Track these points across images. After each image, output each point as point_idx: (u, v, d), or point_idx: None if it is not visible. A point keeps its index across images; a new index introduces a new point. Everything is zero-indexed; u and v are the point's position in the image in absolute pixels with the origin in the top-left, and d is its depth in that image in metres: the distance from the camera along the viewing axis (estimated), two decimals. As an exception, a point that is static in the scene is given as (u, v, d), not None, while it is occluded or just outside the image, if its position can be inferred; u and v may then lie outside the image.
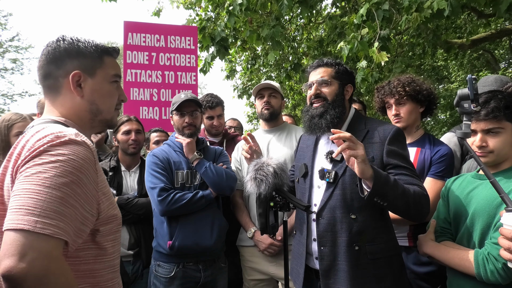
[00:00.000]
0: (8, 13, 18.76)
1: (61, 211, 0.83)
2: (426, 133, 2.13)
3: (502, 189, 1.18)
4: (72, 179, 0.87)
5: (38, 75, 1.10)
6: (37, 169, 0.84)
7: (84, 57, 1.08)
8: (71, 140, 0.91)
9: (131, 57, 3.45)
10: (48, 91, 1.09)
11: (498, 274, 1.26)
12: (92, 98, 1.09)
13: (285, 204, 1.59)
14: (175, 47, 3.57)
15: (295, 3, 4.26)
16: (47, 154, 0.87)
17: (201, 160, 2.17)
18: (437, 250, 1.50)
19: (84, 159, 0.91)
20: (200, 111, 2.29)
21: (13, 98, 18.73)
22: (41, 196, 0.81)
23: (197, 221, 2.10)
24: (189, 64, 3.60)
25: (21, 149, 0.92)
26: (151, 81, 3.49)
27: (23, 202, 0.81)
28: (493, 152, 1.43)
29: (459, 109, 1.34)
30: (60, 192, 0.84)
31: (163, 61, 3.52)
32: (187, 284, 2.08)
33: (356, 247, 1.53)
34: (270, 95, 2.42)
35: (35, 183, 0.83)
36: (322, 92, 1.70)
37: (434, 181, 1.93)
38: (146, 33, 3.49)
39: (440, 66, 11.70)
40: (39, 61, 1.10)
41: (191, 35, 3.63)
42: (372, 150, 1.59)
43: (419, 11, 3.19)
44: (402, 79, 2.10)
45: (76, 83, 1.07)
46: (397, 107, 2.08)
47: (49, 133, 0.92)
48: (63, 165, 0.86)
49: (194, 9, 6.09)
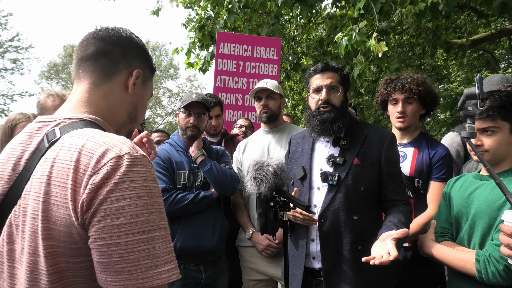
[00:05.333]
0: (8, 13, 18.73)
1: (171, 248, 0.77)
2: (422, 133, 2.11)
3: (508, 190, 1.17)
4: (160, 208, 0.78)
5: (92, 49, 0.93)
6: (126, 212, 0.72)
7: (146, 64, 1.03)
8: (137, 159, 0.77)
9: (221, 64, 3.80)
10: (97, 69, 0.93)
11: (499, 276, 1.26)
12: (137, 104, 1.01)
13: (285, 204, 1.59)
14: (261, 57, 3.89)
15: (295, 2, 4.26)
16: (124, 186, 0.73)
17: (205, 158, 2.16)
18: (437, 250, 1.50)
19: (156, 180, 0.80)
20: (208, 114, 2.26)
21: (13, 98, 18.70)
22: (149, 245, 0.73)
23: (199, 222, 2.09)
24: (272, 73, 3.91)
25: (74, 172, 0.74)
26: (238, 87, 3.84)
27: (134, 258, 0.71)
28: (488, 151, 1.43)
29: (462, 112, 1.31)
30: (162, 230, 0.76)
31: (249, 69, 3.86)
32: (188, 285, 2.07)
33: (359, 246, 1.58)
34: (267, 97, 2.38)
35: (136, 231, 0.72)
36: (331, 99, 1.71)
37: (439, 184, 1.92)
38: (236, 43, 3.83)
39: (440, 66, 11.70)
40: (95, 34, 0.95)
41: (275, 47, 3.95)
42: (371, 155, 1.65)
43: (414, 4, 3.18)
44: (415, 77, 2.02)
45: (134, 81, 0.97)
46: (404, 104, 2.01)
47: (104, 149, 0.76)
48: (148, 199, 0.75)
49: (193, 8, 6.08)
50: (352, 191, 1.62)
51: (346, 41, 3.47)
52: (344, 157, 1.66)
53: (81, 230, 0.73)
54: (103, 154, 0.75)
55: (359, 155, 1.65)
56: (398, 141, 2.11)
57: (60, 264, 0.76)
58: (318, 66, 1.77)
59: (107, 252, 0.71)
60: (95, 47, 0.94)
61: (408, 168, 1.99)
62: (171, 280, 0.74)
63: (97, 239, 0.72)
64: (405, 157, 2.03)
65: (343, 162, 1.64)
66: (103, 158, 0.74)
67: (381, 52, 3.15)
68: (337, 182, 1.63)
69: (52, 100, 2.24)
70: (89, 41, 0.95)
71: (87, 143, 0.77)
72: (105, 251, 0.71)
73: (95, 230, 0.72)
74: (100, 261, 0.72)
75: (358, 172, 1.63)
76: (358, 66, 3.82)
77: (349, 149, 1.68)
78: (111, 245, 0.71)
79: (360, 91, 7.82)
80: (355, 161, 1.64)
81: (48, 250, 0.75)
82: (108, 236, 0.71)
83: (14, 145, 0.89)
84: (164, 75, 27.55)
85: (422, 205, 1.95)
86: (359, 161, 1.64)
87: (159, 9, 5.78)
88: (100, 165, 0.73)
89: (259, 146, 2.41)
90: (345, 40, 3.48)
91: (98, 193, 0.72)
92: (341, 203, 1.62)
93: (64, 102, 2.46)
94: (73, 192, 0.73)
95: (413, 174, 1.98)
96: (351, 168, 1.63)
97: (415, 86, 1.98)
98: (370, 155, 1.64)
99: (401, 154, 2.05)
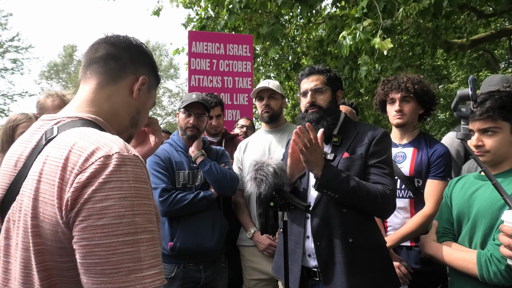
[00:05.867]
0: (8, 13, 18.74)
1: (157, 252, 0.74)
2: (421, 132, 2.12)
3: (504, 191, 1.18)
4: (147, 210, 0.75)
5: (102, 52, 0.95)
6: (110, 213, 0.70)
7: (152, 73, 1.05)
8: (127, 159, 0.75)
9: (195, 64, 3.79)
10: (105, 72, 0.94)
11: (501, 276, 1.26)
12: (140, 109, 1.02)
13: (285, 204, 1.59)
14: (233, 54, 3.90)
15: (295, 2, 4.27)
16: (109, 186, 0.71)
17: (205, 158, 2.16)
18: (439, 251, 1.50)
19: (146, 181, 0.78)
20: (208, 115, 2.27)
21: (13, 98, 18.71)
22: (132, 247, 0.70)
23: (198, 222, 2.09)
24: (245, 70, 3.93)
25: (62, 170, 0.73)
26: (212, 86, 3.84)
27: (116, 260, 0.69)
28: (489, 152, 1.43)
29: (456, 113, 1.33)
30: (148, 233, 0.73)
31: (222, 67, 3.87)
32: (188, 284, 2.07)
33: (350, 239, 1.60)
34: (269, 97, 2.40)
35: (120, 233, 0.70)
36: (317, 101, 1.76)
37: (436, 182, 1.92)
38: (208, 42, 3.82)
39: (440, 66, 11.70)
40: (107, 39, 0.97)
41: (247, 43, 3.95)
42: (361, 149, 1.68)
43: (418, 2, 3.18)
44: (411, 77, 2.06)
45: (139, 86, 0.99)
46: (401, 103, 2.04)
47: (94, 148, 0.74)
48: (135, 200, 0.73)
49: (193, 8, 6.09)
50: None
51: (350, 40, 3.44)
52: (335, 153, 1.70)
53: (66, 229, 0.72)
54: (92, 153, 0.73)
55: (349, 149, 1.69)
56: (398, 141, 2.11)
57: (47, 262, 0.76)
58: (305, 70, 1.84)
59: (88, 253, 0.69)
60: (105, 50, 0.95)
61: (408, 168, 2.00)
62: (154, 285, 0.71)
63: (79, 239, 0.70)
64: (405, 158, 2.04)
65: (334, 157, 1.68)
66: (92, 157, 0.73)
67: (386, 49, 3.14)
68: None
69: (51, 100, 2.25)
70: (100, 45, 0.97)
71: (78, 142, 0.76)
72: (87, 252, 0.70)
73: (78, 229, 0.70)
74: (82, 262, 0.70)
75: (347, 165, 1.65)
76: (364, 66, 3.79)
77: (341, 145, 1.72)
78: (93, 246, 0.69)
79: (360, 91, 7.81)
80: (345, 155, 1.68)
81: (37, 247, 0.75)
82: (91, 237, 0.69)
83: (19, 143, 0.91)
84: (164, 75, 27.57)
85: (422, 205, 1.95)
86: (348, 154, 1.68)
87: (160, 9, 5.79)
88: (87, 164, 0.72)
89: (260, 146, 2.42)
90: (349, 39, 3.45)
91: (82, 192, 0.70)
92: None
93: (63, 102, 2.44)
94: (59, 190, 0.72)
95: (413, 174, 1.98)
96: (340, 161, 1.67)
97: (411, 85, 2.01)
98: (359, 149, 1.68)
99: (400, 154, 2.06)
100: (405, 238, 1.93)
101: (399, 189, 2.01)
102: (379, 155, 1.67)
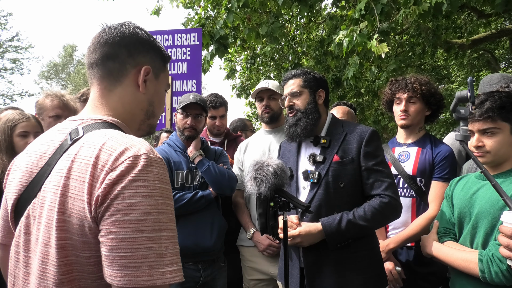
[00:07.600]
0: (8, 13, 18.78)
1: (177, 250, 0.78)
2: (427, 133, 2.11)
3: (504, 192, 1.17)
4: (170, 210, 0.79)
5: (98, 54, 0.95)
6: (138, 209, 0.74)
7: (156, 56, 1.01)
8: (153, 161, 0.79)
9: None
10: (106, 74, 0.95)
11: (502, 276, 1.25)
12: (152, 99, 1.01)
13: (285, 204, 1.59)
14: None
15: (295, 2, 4.26)
16: (137, 184, 0.75)
17: (203, 158, 2.17)
18: (440, 251, 1.49)
19: (168, 182, 0.82)
20: (205, 115, 2.29)
21: (13, 98, 18.73)
22: (156, 244, 0.74)
23: (197, 221, 2.09)
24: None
25: (93, 168, 0.77)
26: None
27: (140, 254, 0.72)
28: (490, 153, 1.43)
29: (455, 115, 1.33)
30: (170, 231, 0.77)
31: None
32: (187, 284, 2.06)
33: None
34: (269, 97, 2.40)
35: (145, 229, 0.73)
36: (294, 104, 1.80)
37: (441, 184, 1.91)
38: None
39: (440, 66, 11.69)
40: (100, 37, 0.96)
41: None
42: (351, 152, 1.69)
43: (418, 5, 3.18)
44: (419, 78, 2.07)
45: (144, 78, 0.98)
46: (407, 103, 2.04)
47: (123, 148, 0.78)
48: (160, 199, 0.77)
49: (193, 8, 6.08)
50: (333, 188, 1.66)
51: (347, 42, 3.45)
52: (324, 155, 1.70)
53: (92, 224, 0.76)
54: (121, 153, 0.78)
55: (339, 152, 1.69)
56: (402, 141, 2.11)
57: (70, 256, 0.79)
58: (284, 77, 1.90)
59: (115, 246, 0.73)
60: (100, 52, 0.95)
61: (411, 167, 1.99)
62: (174, 281, 0.74)
63: (107, 233, 0.74)
64: (409, 157, 2.03)
65: (323, 160, 1.69)
66: (121, 156, 0.77)
67: (383, 53, 3.15)
68: (318, 180, 1.68)
69: (50, 100, 2.24)
70: (95, 46, 0.96)
71: (107, 142, 0.80)
72: (114, 245, 0.73)
73: (106, 223, 0.74)
74: (108, 254, 0.73)
75: (338, 169, 1.66)
76: (353, 67, 3.83)
77: (330, 147, 1.72)
78: (119, 239, 0.72)
79: (360, 91, 7.80)
80: (335, 158, 1.69)
81: (61, 242, 0.78)
82: (118, 231, 0.73)
83: (42, 141, 0.93)
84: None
85: (425, 204, 1.95)
86: (339, 158, 1.68)
87: (160, 9, 5.77)
88: (118, 163, 0.76)
89: (260, 146, 2.42)
90: (346, 41, 3.46)
91: (113, 189, 0.74)
92: (321, 200, 1.66)
93: (62, 102, 2.44)
94: (90, 186, 0.76)
95: (416, 173, 1.98)
96: (331, 165, 1.67)
97: (417, 86, 2.01)
98: (349, 152, 1.69)
99: (404, 153, 2.06)
100: (409, 240, 1.92)
101: (402, 188, 2.00)
102: (374, 157, 1.67)
